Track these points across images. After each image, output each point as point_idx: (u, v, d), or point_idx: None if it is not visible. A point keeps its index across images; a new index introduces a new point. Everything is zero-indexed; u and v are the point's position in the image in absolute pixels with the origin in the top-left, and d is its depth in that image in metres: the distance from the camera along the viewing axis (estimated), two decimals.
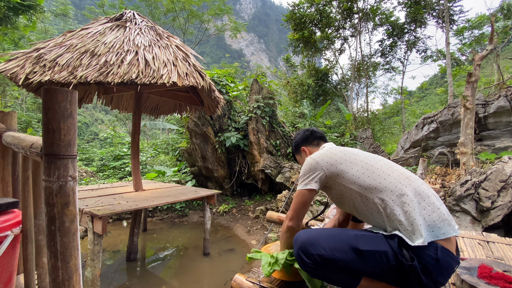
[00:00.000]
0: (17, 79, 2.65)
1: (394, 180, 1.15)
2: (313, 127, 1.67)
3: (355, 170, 1.22)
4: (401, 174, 1.19)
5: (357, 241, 1.11)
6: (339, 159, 1.29)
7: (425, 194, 1.12)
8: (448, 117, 6.62)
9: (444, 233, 1.04)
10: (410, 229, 1.04)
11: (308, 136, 1.60)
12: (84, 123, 28.85)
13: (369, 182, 1.17)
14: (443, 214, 1.08)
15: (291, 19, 12.79)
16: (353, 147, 6.13)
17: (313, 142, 1.59)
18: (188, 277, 3.49)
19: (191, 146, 6.84)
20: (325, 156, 1.32)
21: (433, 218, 1.06)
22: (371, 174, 1.19)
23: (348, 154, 1.31)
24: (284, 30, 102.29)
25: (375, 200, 1.13)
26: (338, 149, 1.37)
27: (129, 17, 3.65)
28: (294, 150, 1.68)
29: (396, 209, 1.08)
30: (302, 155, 1.61)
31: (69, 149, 0.89)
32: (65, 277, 0.89)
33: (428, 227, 1.04)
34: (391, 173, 1.19)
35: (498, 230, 3.12)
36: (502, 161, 3.59)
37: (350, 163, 1.25)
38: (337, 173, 1.25)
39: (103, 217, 2.54)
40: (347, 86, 14.54)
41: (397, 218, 1.07)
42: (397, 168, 1.23)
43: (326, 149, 1.39)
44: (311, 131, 1.62)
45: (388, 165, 1.24)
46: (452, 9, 11.91)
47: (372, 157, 1.30)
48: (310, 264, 1.14)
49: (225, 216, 6.15)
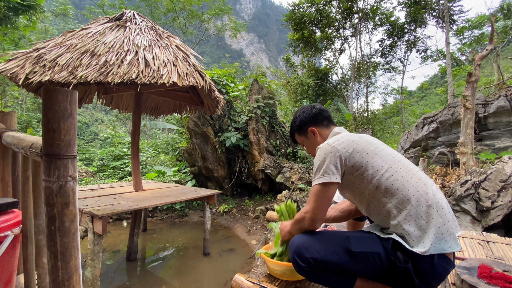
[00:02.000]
0: (17, 79, 2.65)
1: (412, 188, 1.08)
2: (319, 104, 1.42)
3: (375, 169, 1.11)
4: (419, 180, 1.11)
5: (350, 243, 1.11)
6: (362, 150, 1.14)
7: (439, 205, 1.07)
8: (448, 117, 6.62)
9: (449, 247, 1.02)
10: (416, 240, 1.02)
11: (317, 114, 1.36)
12: (84, 123, 28.85)
13: (387, 185, 1.09)
14: (451, 228, 1.05)
15: (291, 19, 12.79)
16: None
17: (322, 123, 1.36)
18: (188, 277, 3.49)
19: (191, 146, 6.84)
20: (346, 144, 1.16)
21: (442, 230, 1.03)
22: (390, 177, 1.10)
23: (370, 146, 1.17)
24: (284, 30, 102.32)
25: (388, 206, 1.08)
26: (359, 138, 1.20)
27: (129, 17, 3.65)
28: (297, 130, 1.42)
29: (408, 220, 1.04)
30: (310, 136, 1.38)
31: (69, 149, 0.89)
32: (65, 277, 0.89)
33: (436, 239, 1.01)
34: (410, 178, 1.11)
35: (498, 230, 3.12)
36: (502, 161, 3.59)
37: (371, 158, 1.13)
38: (357, 167, 1.13)
39: (103, 217, 2.53)
40: (347, 86, 14.53)
41: (407, 228, 1.04)
42: (415, 172, 1.14)
43: (344, 136, 1.23)
44: (319, 108, 1.38)
45: (407, 168, 1.15)
46: (452, 9, 11.90)
47: (392, 155, 1.18)
48: (305, 267, 1.14)
49: (225, 216, 6.15)
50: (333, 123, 1.40)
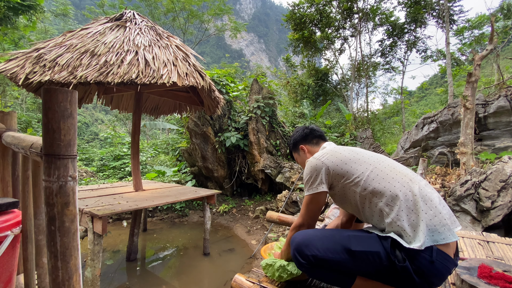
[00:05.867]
0: (17, 79, 2.65)
1: (398, 184, 1.13)
2: (312, 125, 1.62)
3: (360, 172, 1.19)
4: (404, 176, 1.17)
5: (350, 241, 1.13)
6: (344, 158, 1.25)
7: (428, 198, 1.11)
8: (448, 117, 6.62)
9: (444, 238, 1.04)
10: (412, 235, 1.04)
11: (308, 134, 1.55)
12: (84, 123, 28.85)
13: (374, 185, 1.15)
14: (444, 219, 1.07)
15: (291, 19, 12.79)
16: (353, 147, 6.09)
17: (312, 141, 1.54)
18: (188, 277, 3.49)
19: (191, 146, 6.84)
20: (330, 156, 1.28)
21: (434, 222, 1.05)
22: (376, 177, 1.16)
23: (352, 153, 1.28)
24: (284, 30, 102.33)
25: (380, 205, 1.12)
26: (342, 149, 1.33)
27: (129, 17, 3.65)
28: (292, 148, 1.63)
29: (401, 216, 1.07)
30: (300, 153, 1.57)
31: (69, 149, 0.89)
32: (65, 277, 0.89)
33: (428, 231, 1.04)
34: (395, 175, 1.17)
35: (498, 230, 3.12)
36: (502, 161, 3.59)
37: (354, 163, 1.22)
38: (342, 174, 1.22)
39: (103, 217, 2.54)
40: (347, 86, 14.53)
41: (400, 224, 1.06)
42: (400, 170, 1.21)
43: (329, 149, 1.36)
44: (311, 129, 1.57)
45: (391, 167, 1.22)
46: (452, 9, 11.90)
47: (376, 157, 1.27)
48: (305, 264, 1.17)
49: (225, 216, 6.15)
50: (324, 140, 1.55)
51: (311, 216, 1.30)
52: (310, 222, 1.31)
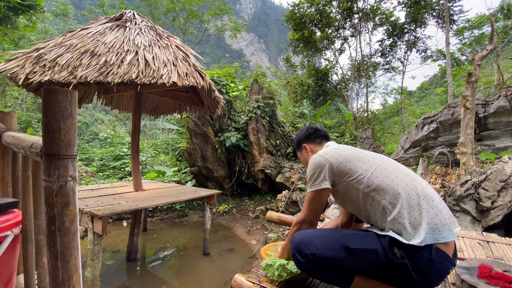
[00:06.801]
0: (17, 79, 2.65)
1: (401, 182, 1.15)
2: (317, 125, 1.65)
3: (364, 169, 1.20)
4: (407, 175, 1.19)
5: (348, 239, 1.14)
6: (348, 156, 1.26)
7: (429, 197, 1.12)
8: (448, 117, 6.62)
9: (444, 237, 1.05)
10: (412, 233, 1.05)
11: (311, 133, 1.58)
12: (84, 123, 28.85)
13: (378, 183, 1.16)
14: (444, 219, 1.09)
15: (291, 19, 12.79)
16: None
17: (315, 140, 1.56)
18: (188, 277, 3.49)
19: (191, 146, 6.84)
20: (333, 153, 1.29)
21: (435, 221, 1.07)
22: (379, 175, 1.18)
23: (356, 152, 1.29)
24: (284, 30, 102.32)
25: (383, 203, 1.13)
26: (345, 147, 1.35)
27: (129, 17, 3.65)
28: (296, 147, 1.65)
29: (403, 213, 1.08)
30: (303, 152, 1.59)
31: (69, 149, 0.89)
32: (65, 277, 0.89)
33: (430, 229, 1.05)
34: (398, 174, 1.18)
35: (498, 230, 3.12)
36: (502, 161, 3.59)
37: (358, 161, 1.23)
38: (346, 171, 1.22)
39: (103, 217, 2.54)
40: (347, 86, 14.53)
41: (402, 221, 1.07)
42: (402, 169, 1.23)
43: (333, 147, 1.37)
44: (315, 128, 1.60)
45: (394, 166, 1.23)
46: (452, 9, 11.90)
47: (379, 157, 1.29)
48: (305, 263, 1.18)
49: (225, 216, 6.15)
50: (327, 139, 1.57)
51: (313, 212, 1.31)
52: (312, 219, 1.32)
